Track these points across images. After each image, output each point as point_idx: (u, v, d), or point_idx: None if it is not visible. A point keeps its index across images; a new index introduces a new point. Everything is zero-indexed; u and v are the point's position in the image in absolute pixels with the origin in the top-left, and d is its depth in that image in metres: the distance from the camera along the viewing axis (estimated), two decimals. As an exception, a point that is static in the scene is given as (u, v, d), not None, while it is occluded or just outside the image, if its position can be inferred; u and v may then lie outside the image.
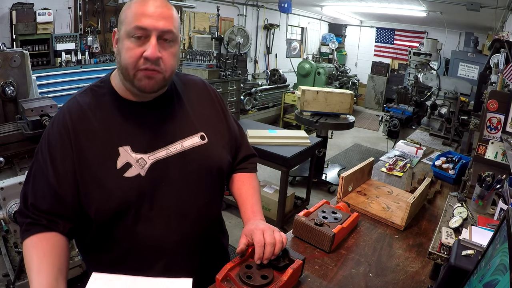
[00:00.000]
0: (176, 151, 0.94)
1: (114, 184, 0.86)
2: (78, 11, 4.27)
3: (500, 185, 1.42)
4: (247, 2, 6.81)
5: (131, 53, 0.84)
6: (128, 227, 0.90)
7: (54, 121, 0.91)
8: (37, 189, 0.87)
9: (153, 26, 0.83)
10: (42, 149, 0.89)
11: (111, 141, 0.88)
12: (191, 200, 0.97)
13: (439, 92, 3.76)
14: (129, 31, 0.84)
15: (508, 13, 4.51)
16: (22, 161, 2.16)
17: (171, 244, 0.94)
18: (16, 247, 2.22)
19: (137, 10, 0.84)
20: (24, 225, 0.86)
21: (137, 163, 0.88)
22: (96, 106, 0.91)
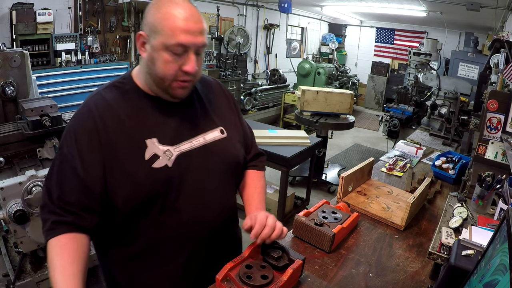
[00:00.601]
0: (199, 144, 0.98)
1: (142, 174, 0.89)
2: (78, 11, 4.27)
3: (500, 185, 1.42)
4: (247, 2, 6.81)
5: (171, 67, 0.87)
6: (154, 218, 0.93)
7: (80, 115, 0.92)
8: (64, 182, 0.88)
9: (193, 43, 0.87)
10: (68, 143, 0.89)
11: (138, 134, 0.91)
12: (213, 191, 1.01)
13: (439, 92, 3.76)
14: (168, 46, 0.85)
15: (508, 13, 4.50)
16: (22, 161, 2.16)
17: (196, 234, 0.98)
18: (16, 247, 2.22)
19: (178, 25, 0.85)
20: (50, 222, 0.86)
21: (164, 155, 0.92)
22: (122, 100, 0.94)
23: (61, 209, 0.86)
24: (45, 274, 2.14)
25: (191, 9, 0.88)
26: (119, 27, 4.78)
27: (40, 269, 2.16)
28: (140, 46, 0.91)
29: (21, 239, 1.96)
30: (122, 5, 4.64)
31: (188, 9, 0.87)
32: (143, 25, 0.91)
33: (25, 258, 2.18)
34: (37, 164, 2.14)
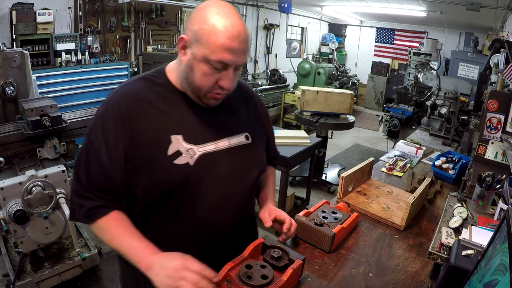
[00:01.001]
0: (224, 147, 0.99)
1: (163, 168, 0.91)
2: (78, 11, 4.27)
3: (500, 185, 1.42)
4: (247, 2, 6.81)
5: (208, 79, 0.89)
6: (169, 213, 0.95)
7: (109, 104, 0.94)
8: (90, 168, 0.91)
9: (235, 62, 0.88)
10: (95, 131, 0.92)
11: (164, 128, 0.92)
12: (232, 194, 1.02)
13: (439, 92, 3.76)
14: (210, 60, 0.86)
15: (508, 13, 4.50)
16: (22, 161, 2.16)
17: (208, 233, 1.00)
18: (16, 247, 2.22)
19: (223, 43, 0.84)
20: (86, 209, 0.91)
21: (187, 153, 0.93)
22: (151, 93, 0.95)
23: (90, 193, 0.91)
24: (45, 274, 2.14)
25: (239, 25, 0.86)
26: (119, 27, 4.78)
27: (40, 269, 2.16)
28: (180, 49, 0.91)
29: (21, 239, 1.96)
30: (122, 5, 4.64)
31: (236, 26, 0.85)
32: (187, 28, 0.90)
33: (25, 258, 2.18)
34: (37, 164, 2.14)
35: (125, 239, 0.89)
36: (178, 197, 0.94)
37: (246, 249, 1.01)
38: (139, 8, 4.93)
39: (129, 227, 0.92)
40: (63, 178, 2.02)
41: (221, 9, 0.86)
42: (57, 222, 2.02)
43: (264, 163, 1.14)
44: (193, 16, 0.89)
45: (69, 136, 2.31)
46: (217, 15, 0.85)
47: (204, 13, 0.86)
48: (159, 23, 5.30)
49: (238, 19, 0.87)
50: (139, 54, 4.96)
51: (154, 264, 0.84)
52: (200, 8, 0.89)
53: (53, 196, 1.92)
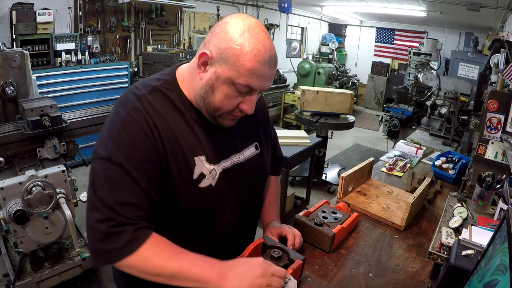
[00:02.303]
0: (238, 161, 0.98)
1: (188, 193, 0.87)
2: (78, 11, 4.27)
3: (500, 185, 1.42)
4: (247, 2, 6.81)
5: (230, 102, 0.84)
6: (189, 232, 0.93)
7: (132, 121, 0.82)
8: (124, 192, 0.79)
9: (261, 88, 0.84)
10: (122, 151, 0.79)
11: (188, 150, 0.87)
12: (246, 205, 1.04)
13: (439, 92, 3.76)
14: (236, 83, 0.80)
15: (508, 13, 4.50)
16: (22, 161, 2.16)
17: (224, 245, 1.00)
18: (16, 247, 2.22)
19: (254, 67, 0.78)
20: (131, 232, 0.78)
21: (210, 174, 0.90)
22: (171, 111, 0.87)
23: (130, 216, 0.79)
24: (45, 274, 2.14)
25: (270, 49, 0.80)
26: (119, 27, 4.78)
27: (40, 269, 2.16)
28: (201, 65, 0.83)
29: (21, 239, 1.96)
30: (122, 5, 4.65)
31: (268, 50, 0.80)
32: (210, 43, 0.81)
33: (25, 258, 2.18)
34: (37, 164, 2.14)
35: (184, 257, 0.81)
36: (199, 218, 0.93)
37: (246, 249, 1.01)
38: (139, 8, 4.93)
39: (177, 246, 0.84)
40: (63, 178, 2.02)
41: (252, 28, 0.79)
42: (57, 222, 2.02)
43: (269, 168, 1.15)
44: (219, 30, 0.81)
45: (69, 136, 2.31)
46: (248, 34, 0.78)
47: (233, 30, 0.79)
48: (159, 23, 5.31)
49: (269, 42, 0.81)
50: (139, 54, 4.96)
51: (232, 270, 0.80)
52: (227, 22, 0.81)
53: (53, 196, 1.92)
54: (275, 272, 0.84)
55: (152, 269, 0.79)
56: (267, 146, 1.12)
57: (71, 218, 1.99)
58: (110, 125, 0.84)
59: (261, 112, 1.12)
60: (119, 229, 0.77)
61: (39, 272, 2.13)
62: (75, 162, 2.87)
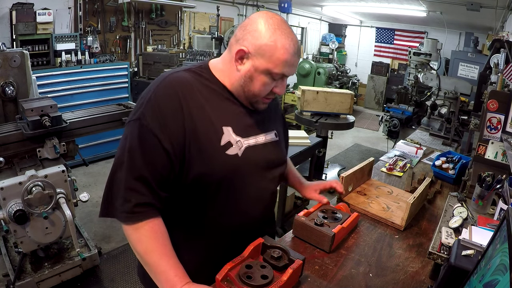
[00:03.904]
0: (262, 142, 1.06)
1: (217, 159, 0.95)
2: (78, 11, 4.27)
3: (500, 185, 1.42)
4: (247, 2, 6.81)
5: (266, 88, 0.98)
6: (212, 203, 0.99)
7: (163, 88, 0.93)
8: (147, 155, 0.88)
9: (291, 73, 0.99)
10: (151, 114, 0.89)
11: (216, 120, 0.96)
12: (266, 187, 1.09)
13: (439, 92, 3.76)
14: (272, 73, 0.95)
15: (508, 13, 4.50)
16: (22, 161, 2.16)
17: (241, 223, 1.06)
18: (16, 247, 2.22)
19: (286, 59, 0.94)
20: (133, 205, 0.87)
21: (236, 144, 0.98)
22: (201, 86, 0.98)
23: (143, 185, 0.88)
24: (45, 274, 2.14)
25: (296, 42, 0.96)
26: (119, 27, 4.78)
27: (40, 269, 2.16)
28: (238, 59, 0.96)
29: (21, 239, 1.96)
30: (122, 5, 4.65)
31: (295, 43, 0.95)
32: (244, 40, 0.95)
33: (25, 258, 2.18)
34: (37, 164, 2.14)
35: (164, 259, 0.88)
36: (227, 188, 0.98)
37: (246, 249, 1.01)
38: (139, 8, 4.93)
39: (169, 245, 0.91)
40: (63, 178, 2.02)
41: (280, 26, 0.94)
42: (57, 222, 2.02)
43: (285, 158, 1.23)
44: (252, 29, 0.94)
45: (69, 136, 2.31)
46: (279, 31, 0.93)
47: (265, 28, 0.93)
48: (159, 23, 5.31)
49: (294, 35, 0.96)
50: (139, 54, 4.96)
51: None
52: (258, 20, 0.95)
53: (53, 196, 1.92)
54: None
55: (138, 249, 0.90)
56: (283, 139, 1.22)
57: (71, 218, 1.99)
58: (144, 93, 0.96)
59: (277, 106, 1.27)
60: (128, 195, 0.87)
61: (39, 272, 2.13)
62: (75, 162, 2.87)
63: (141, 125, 0.89)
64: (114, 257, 2.62)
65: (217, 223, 1.02)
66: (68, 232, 2.05)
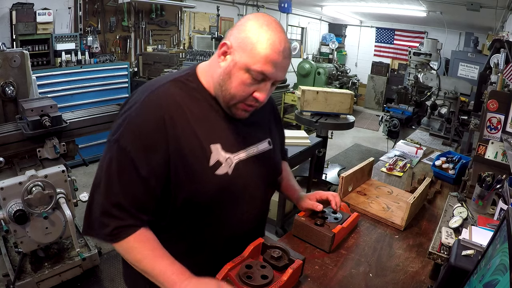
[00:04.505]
0: (253, 154, 1.01)
1: (207, 180, 0.90)
2: (78, 11, 4.27)
3: (500, 185, 1.42)
4: (247, 2, 6.81)
5: (245, 89, 0.87)
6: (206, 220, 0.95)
7: (146, 108, 0.86)
8: (124, 180, 0.83)
9: (275, 77, 0.87)
10: (130, 138, 0.83)
11: (204, 138, 0.90)
12: (260, 199, 1.06)
13: (439, 92, 3.76)
14: (250, 70, 0.85)
15: (508, 13, 4.50)
16: (22, 161, 2.16)
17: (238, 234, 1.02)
18: (16, 247, 2.22)
19: (269, 55, 0.84)
20: (112, 228, 0.83)
21: (226, 162, 0.93)
22: (188, 99, 0.91)
23: (121, 211, 0.83)
24: (45, 274, 2.14)
25: (285, 41, 0.87)
26: (119, 27, 4.78)
27: (40, 269, 2.16)
28: (221, 54, 0.89)
29: (21, 239, 1.96)
30: (122, 5, 4.65)
31: (283, 42, 0.86)
32: (231, 35, 0.88)
33: (25, 258, 2.18)
34: (37, 164, 2.14)
35: (157, 262, 0.84)
36: (217, 205, 0.94)
37: (246, 249, 1.01)
38: (139, 8, 4.93)
39: (159, 248, 0.87)
40: (63, 178, 2.02)
41: (270, 23, 0.86)
42: (57, 222, 2.02)
43: (280, 166, 1.18)
44: (239, 24, 0.88)
45: (69, 136, 2.31)
46: (266, 27, 0.85)
47: (252, 23, 0.86)
48: (159, 23, 5.31)
49: (284, 35, 0.88)
50: (139, 54, 4.96)
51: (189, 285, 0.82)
52: (248, 17, 0.89)
53: (53, 196, 1.92)
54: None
55: (130, 260, 0.86)
56: (278, 143, 1.15)
57: (71, 218, 1.99)
58: (127, 108, 0.89)
59: (272, 111, 1.18)
60: (105, 220, 0.83)
61: (39, 272, 2.13)
62: (75, 162, 2.86)
63: (120, 148, 0.83)
64: (114, 257, 2.62)
65: (211, 238, 0.99)
66: (68, 232, 2.05)
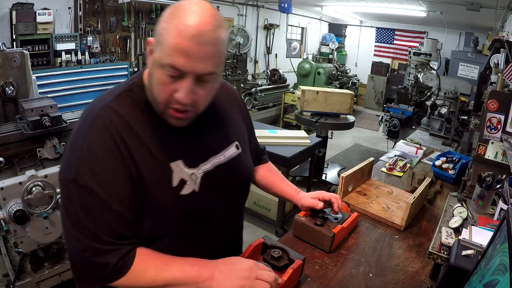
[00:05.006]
0: (220, 163, 0.91)
1: (170, 202, 0.81)
2: (78, 11, 4.27)
3: (500, 185, 1.42)
4: (247, 2, 6.81)
5: (163, 89, 0.74)
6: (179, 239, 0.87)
7: (93, 134, 0.75)
8: (97, 219, 0.74)
9: (190, 69, 0.71)
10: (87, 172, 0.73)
11: (162, 156, 0.80)
12: (234, 209, 0.99)
13: (439, 92, 3.76)
14: (162, 64, 0.71)
15: (508, 13, 4.50)
16: (22, 161, 2.16)
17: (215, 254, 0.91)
18: (16, 247, 2.22)
19: (177, 42, 0.69)
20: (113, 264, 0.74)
21: (191, 179, 0.84)
22: (136, 115, 0.79)
23: (110, 245, 0.75)
24: (45, 274, 2.14)
25: (203, 24, 0.69)
26: (119, 27, 4.78)
27: (40, 269, 2.16)
28: (149, 54, 0.77)
29: (21, 239, 1.96)
30: (122, 5, 4.64)
31: (198, 24, 0.69)
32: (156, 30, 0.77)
33: (25, 258, 2.18)
34: (37, 164, 2.14)
35: (173, 266, 0.79)
36: (188, 224, 0.87)
37: (246, 249, 1.01)
38: (139, 8, 4.93)
39: (159, 256, 0.81)
40: (63, 178, 2.02)
41: (191, 6, 0.71)
42: (57, 222, 2.01)
43: (253, 169, 1.09)
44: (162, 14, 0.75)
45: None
46: (183, 12, 0.70)
47: (168, 11, 0.73)
48: (159, 23, 5.30)
49: (205, 18, 0.70)
50: (139, 54, 4.96)
51: (219, 271, 0.79)
52: (172, 5, 0.74)
53: (53, 196, 1.92)
54: (260, 276, 0.81)
55: (144, 284, 0.77)
56: (246, 144, 1.05)
57: (71, 218, 1.99)
58: (73, 138, 0.77)
59: (238, 106, 1.06)
60: (101, 260, 0.74)
61: (39, 272, 2.13)
62: (75, 162, 2.86)
63: (81, 187, 0.73)
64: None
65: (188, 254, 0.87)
66: (68, 232, 2.04)
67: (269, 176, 1.23)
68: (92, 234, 0.73)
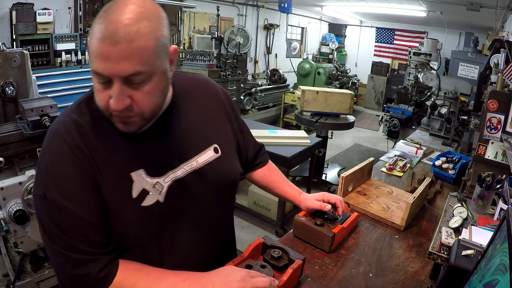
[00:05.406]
0: (192, 169, 0.85)
1: (132, 216, 0.77)
2: (78, 11, 4.27)
3: (500, 185, 1.42)
4: (247, 2, 6.81)
5: (99, 97, 0.71)
6: (148, 258, 0.82)
7: (54, 154, 0.74)
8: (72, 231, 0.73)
9: (111, 73, 0.66)
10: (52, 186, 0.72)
11: (121, 167, 0.76)
12: (211, 218, 0.93)
13: (439, 92, 3.76)
14: (91, 71, 0.69)
15: (508, 13, 4.50)
16: (22, 161, 2.16)
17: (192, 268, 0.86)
18: (16, 247, 2.22)
19: (93, 46, 0.65)
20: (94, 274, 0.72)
21: (154, 189, 0.78)
22: (97, 125, 0.76)
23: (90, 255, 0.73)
24: (45, 274, 2.14)
25: (120, 22, 0.64)
26: (119, 27, 4.78)
27: (40, 269, 2.16)
28: None
29: (21, 239, 1.96)
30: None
31: (115, 23, 0.63)
32: None
33: (25, 258, 2.18)
34: (37, 164, 2.14)
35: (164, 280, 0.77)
36: (156, 241, 0.82)
37: (246, 249, 1.01)
38: (139, 8, 4.92)
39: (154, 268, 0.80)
40: (63, 178, 2.02)
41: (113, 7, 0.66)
42: (57, 222, 2.02)
43: (238, 173, 1.01)
44: None
45: (69, 136, 2.31)
46: (104, 12, 0.66)
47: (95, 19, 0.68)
48: (159, 23, 5.30)
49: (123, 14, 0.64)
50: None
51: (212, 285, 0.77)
52: None
53: (53, 196, 1.92)
54: (254, 284, 0.79)
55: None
56: (231, 147, 0.99)
57: (71, 218, 1.99)
58: (41, 154, 0.77)
59: (220, 104, 0.99)
60: (83, 271, 0.72)
61: (39, 272, 2.13)
62: (75, 162, 2.86)
63: (51, 202, 0.71)
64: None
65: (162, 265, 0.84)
66: (68, 232, 2.04)
67: (270, 176, 1.23)
68: (69, 245, 0.72)
